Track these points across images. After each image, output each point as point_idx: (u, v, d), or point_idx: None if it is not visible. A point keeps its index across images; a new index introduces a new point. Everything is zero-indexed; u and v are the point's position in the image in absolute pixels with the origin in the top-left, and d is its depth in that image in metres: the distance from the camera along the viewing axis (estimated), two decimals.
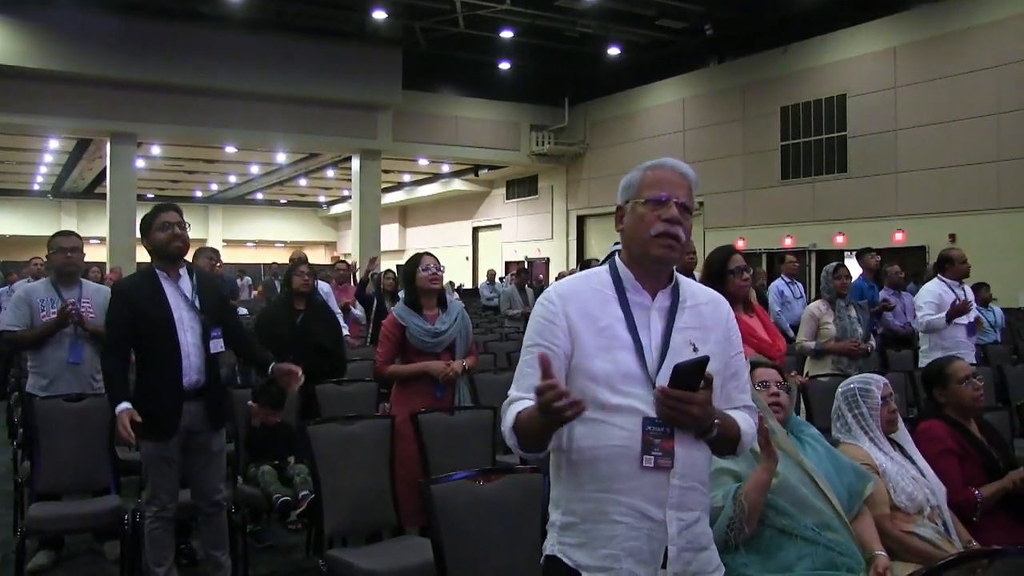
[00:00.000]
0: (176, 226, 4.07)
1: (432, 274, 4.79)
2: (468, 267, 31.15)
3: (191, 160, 28.25)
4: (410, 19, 20.71)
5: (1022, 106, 15.40)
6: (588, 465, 2.00)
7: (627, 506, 1.97)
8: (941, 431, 3.63)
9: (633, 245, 2.09)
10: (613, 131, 24.65)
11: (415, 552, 3.60)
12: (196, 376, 4.04)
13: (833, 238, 18.50)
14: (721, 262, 4.32)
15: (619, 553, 1.96)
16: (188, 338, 4.02)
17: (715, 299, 2.19)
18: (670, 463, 1.97)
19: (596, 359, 2.00)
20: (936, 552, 2.97)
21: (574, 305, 2.05)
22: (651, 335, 2.04)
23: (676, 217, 2.05)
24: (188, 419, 4.03)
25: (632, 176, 2.13)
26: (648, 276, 2.09)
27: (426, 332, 4.70)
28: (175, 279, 4.10)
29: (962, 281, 6.83)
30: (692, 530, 2.03)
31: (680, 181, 2.10)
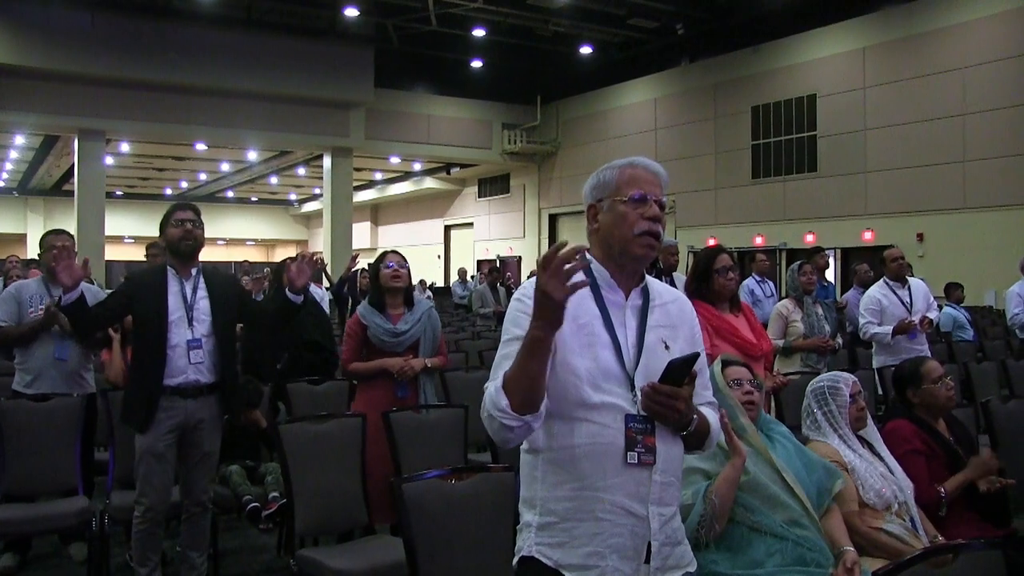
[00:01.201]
0: (188, 223, 4.13)
1: (394, 271, 4.75)
2: (440, 265, 31.09)
3: (161, 157, 27.98)
4: (382, 17, 20.66)
5: (987, 108, 15.61)
6: (570, 463, 1.99)
7: (611, 503, 1.97)
8: (908, 431, 3.67)
9: (612, 243, 2.08)
10: (585, 130, 24.71)
11: (386, 551, 3.58)
12: (194, 375, 4.03)
13: (803, 237, 18.65)
14: (707, 261, 4.39)
15: (604, 550, 1.97)
16: (182, 338, 4.01)
17: (679, 298, 2.23)
18: (652, 459, 1.99)
19: (578, 356, 2.00)
20: (903, 548, 3.00)
21: None
22: (627, 333, 2.06)
23: (658, 215, 2.07)
24: (183, 416, 4.03)
25: (606, 174, 2.13)
26: (624, 274, 2.10)
27: (385, 331, 4.67)
28: (184, 277, 4.13)
29: (905, 280, 6.76)
30: (671, 524, 2.06)
31: (655, 180, 2.11)
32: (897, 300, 6.61)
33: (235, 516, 5.11)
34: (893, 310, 6.56)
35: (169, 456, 4.06)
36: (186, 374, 4.02)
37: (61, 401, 4.67)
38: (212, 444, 4.20)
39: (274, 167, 29.76)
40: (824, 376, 3.58)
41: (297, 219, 41.71)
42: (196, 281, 4.16)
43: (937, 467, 3.58)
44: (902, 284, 6.71)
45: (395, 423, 4.17)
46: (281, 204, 40.77)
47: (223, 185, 34.96)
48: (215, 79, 20.00)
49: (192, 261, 4.18)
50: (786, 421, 4.28)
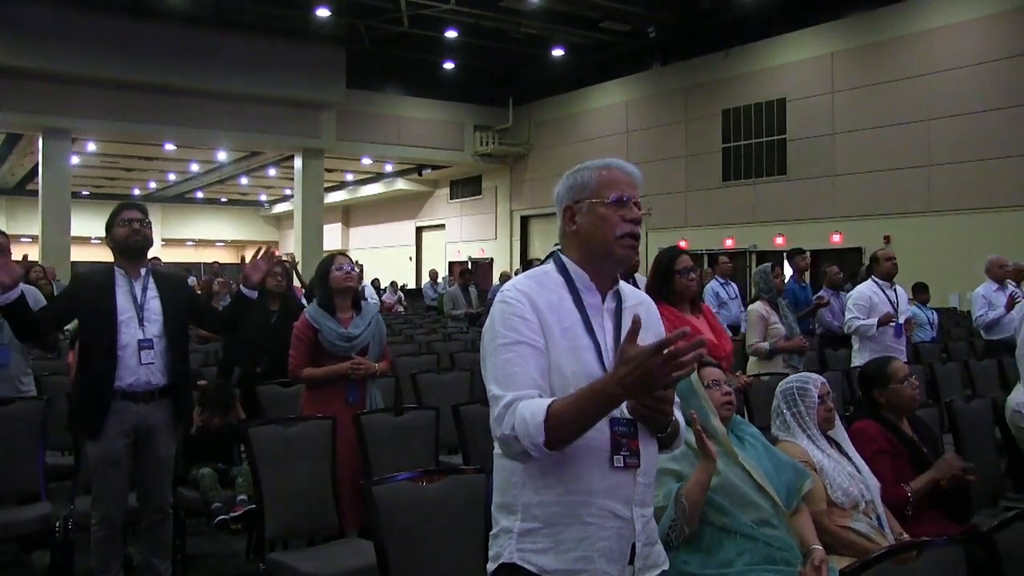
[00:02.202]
0: (135, 222, 4.06)
1: (346, 273, 4.68)
2: (411, 267, 31.01)
3: (128, 157, 27.66)
4: (354, 17, 20.58)
5: (951, 113, 15.82)
6: (556, 468, 1.96)
7: (598, 506, 1.97)
8: (874, 431, 3.72)
9: (592, 245, 2.08)
10: (557, 132, 24.75)
11: (357, 555, 3.57)
12: (145, 376, 3.98)
13: (773, 239, 18.79)
14: (668, 262, 4.37)
15: (592, 554, 1.96)
16: (132, 337, 3.95)
17: (646, 300, 2.23)
18: (637, 462, 2.00)
19: (564, 359, 1.99)
20: (870, 545, 3.05)
21: (540, 304, 2.02)
22: (605, 336, 2.06)
23: (639, 218, 2.07)
24: (136, 420, 3.97)
25: (584, 175, 2.11)
26: (601, 277, 2.10)
27: (339, 335, 4.60)
28: (133, 277, 4.07)
29: (893, 281, 6.92)
30: (650, 525, 2.09)
31: (632, 181, 2.11)
32: (886, 299, 6.76)
33: (204, 520, 5.08)
34: (882, 308, 6.71)
35: (125, 462, 4.00)
36: (137, 375, 3.95)
37: (21, 406, 4.57)
38: (167, 449, 4.14)
39: (244, 168, 29.53)
40: (793, 377, 3.62)
41: (268, 220, 41.42)
42: (146, 281, 4.10)
43: (903, 466, 3.63)
44: (890, 284, 6.85)
45: (366, 425, 4.15)
46: (251, 205, 40.46)
47: (192, 185, 34.65)
48: (184, 78, 19.76)
49: (141, 261, 4.12)
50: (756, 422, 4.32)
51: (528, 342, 1.97)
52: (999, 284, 7.99)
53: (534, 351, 1.96)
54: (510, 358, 1.96)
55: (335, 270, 4.69)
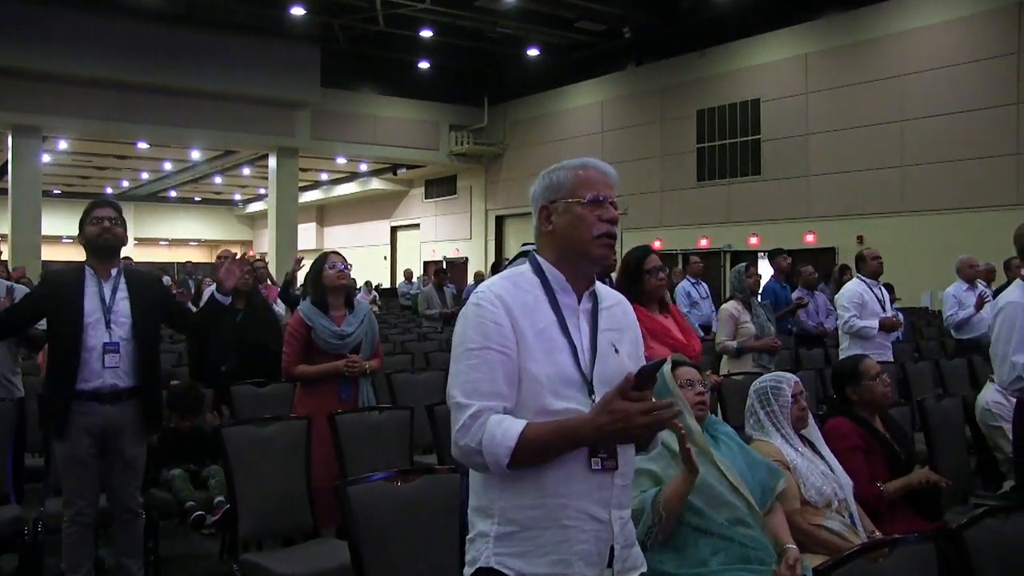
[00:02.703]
0: (107, 220, 4.01)
1: (339, 271, 4.72)
2: (386, 267, 30.93)
3: (101, 156, 27.40)
4: (329, 16, 20.50)
5: (923, 115, 15.98)
6: (533, 472, 1.93)
7: (576, 509, 1.95)
8: (847, 428, 3.75)
9: (569, 245, 2.06)
10: (532, 132, 24.77)
11: (332, 555, 3.56)
12: (111, 379, 3.93)
13: (747, 239, 18.90)
14: (637, 262, 4.37)
15: (570, 558, 1.94)
16: (98, 339, 3.91)
17: (622, 301, 2.22)
18: (615, 464, 1.98)
19: (538, 362, 1.97)
20: (843, 543, 3.07)
21: (513, 306, 2.00)
22: (581, 337, 2.04)
23: (616, 218, 2.07)
24: (101, 422, 3.93)
25: (560, 175, 2.09)
26: (577, 277, 2.08)
27: (332, 333, 4.64)
28: (104, 277, 4.01)
29: (878, 279, 7.01)
30: (628, 527, 2.08)
31: (608, 181, 2.10)
32: (875, 297, 6.87)
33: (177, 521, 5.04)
34: (872, 306, 6.82)
35: (93, 462, 3.96)
36: (102, 378, 3.91)
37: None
38: (135, 450, 4.09)
39: (218, 167, 29.34)
40: (767, 377, 3.63)
41: (242, 219, 41.17)
42: (116, 282, 4.05)
43: (876, 463, 3.66)
44: (876, 283, 6.93)
45: (341, 425, 4.14)
46: (225, 204, 40.20)
47: (166, 184, 34.36)
48: (158, 76, 19.59)
49: (112, 261, 4.06)
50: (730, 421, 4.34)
51: (497, 348, 1.95)
52: (969, 284, 8.07)
53: (502, 358, 1.95)
54: (476, 364, 1.95)
55: (328, 268, 4.73)
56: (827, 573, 2.09)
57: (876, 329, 6.69)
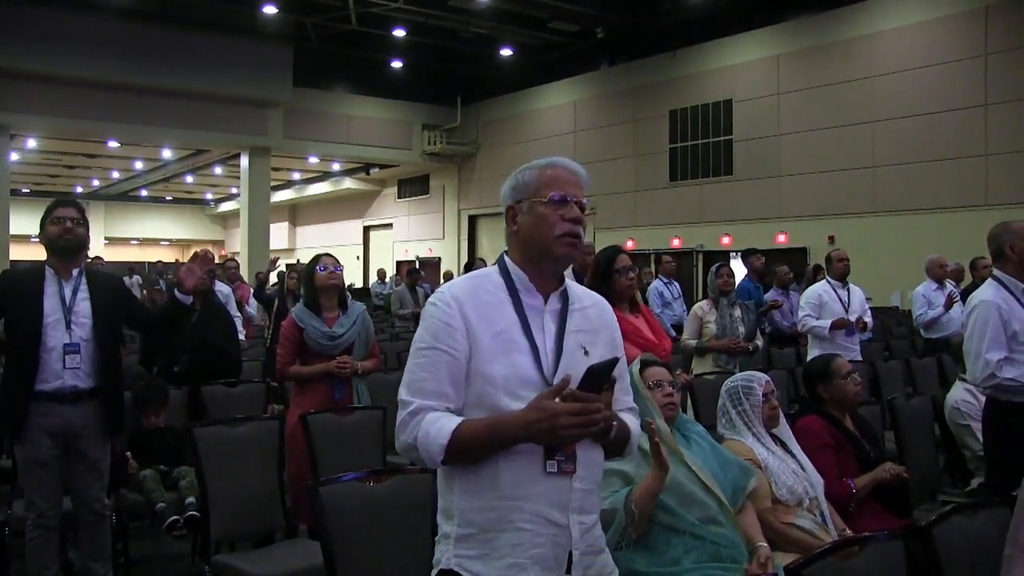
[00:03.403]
0: (68, 220, 3.96)
1: (329, 272, 4.75)
2: (359, 266, 30.82)
3: (70, 154, 27.08)
4: (301, 15, 20.40)
5: (894, 116, 16.12)
6: (489, 473, 1.93)
7: (531, 512, 1.92)
8: (818, 426, 3.78)
9: (532, 245, 2.05)
10: (505, 131, 24.77)
11: (305, 555, 3.54)
12: (71, 381, 3.89)
13: (719, 239, 18.99)
14: (607, 262, 4.37)
15: (525, 562, 1.92)
16: (58, 340, 3.87)
17: (599, 302, 2.20)
18: (573, 467, 1.96)
19: (494, 363, 1.96)
20: (814, 541, 3.09)
21: (470, 307, 2.00)
22: (545, 338, 2.02)
23: (579, 217, 2.05)
24: (62, 423, 3.89)
25: (525, 175, 2.09)
26: (543, 278, 2.07)
27: (323, 335, 4.67)
28: (65, 277, 3.97)
29: (846, 281, 7.08)
30: (592, 533, 2.03)
31: (576, 180, 2.09)
32: (837, 298, 6.94)
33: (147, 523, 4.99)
34: (832, 307, 6.89)
35: (53, 463, 3.91)
36: (62, 379, 3.87)
37: None
38: (98, 452, 4.05)
39: (190, 166, 29.10)
40: (738, 376, 3.65)
41: (214, 219, 40.89)
42: (77, 282, 4.00)
43: (846, 460, 3.70)
44: (843, 284, 7.00)
45: (314, 425, 4.13)
46: (197, 204, 39.89)
47: (137, 184, 34.02)
48: (128, 74, 19.34)
49: (74, 261, 4.02)
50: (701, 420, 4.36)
51: (444, 349, 1.96)
52: (939, 284, 8.16)
53: (449, 359, 1.96)
54: (423, 363, 1.98)
55: (319, 270, 4.76)
56: (798, 571, 2.10)
57: (826, 329, 6.76)
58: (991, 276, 4.16)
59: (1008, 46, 14.70)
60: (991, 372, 3.85)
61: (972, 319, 3.99)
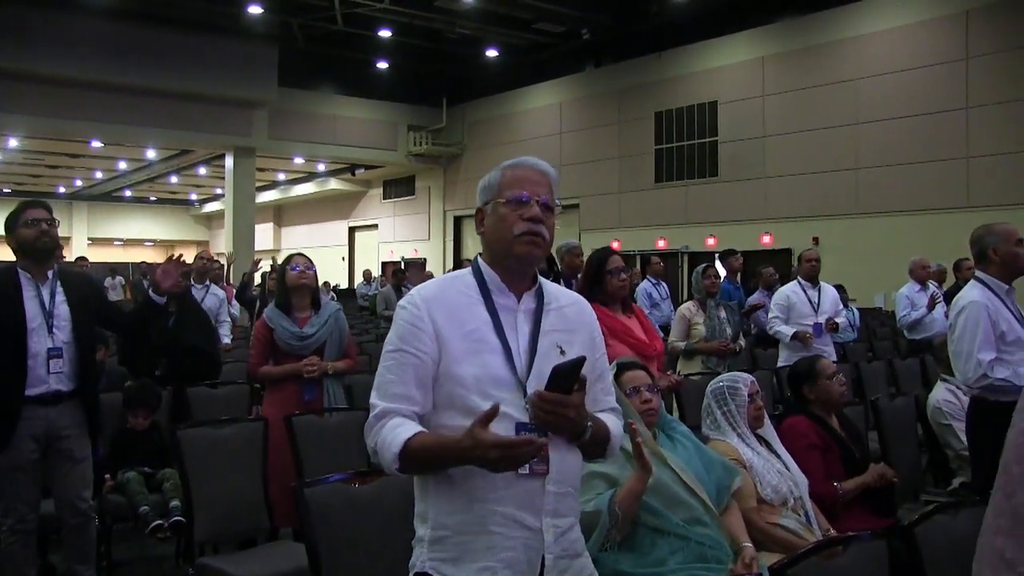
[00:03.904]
0: (43, 223, 3.89)
1: (300, 272, 4.72)
2: (344, 267, 30.76)
3: (53, 154, 26.94)
4: (287, 15, 20.35)
5: (878, 118, 16.22)
6: (461, 475, 1.91)
7: (503, 515, 1.91)
8: (804, 427, 3.80)
9: (496, 246, 2.05)
10: (491, 133, 24.77)
11: (289, 557, 3.53)
12: (55, 385, 3.86)
13: (705, 240, 19.04)
14: (599, 263, 4.39)
15: (496, 565, 1.90)
16: (42, 344, 3.83)
17: (578, 301, 2.19)
18: (545, 469, 1.93)
19: (464, 364, 1.95)
20: (798, 541, 3.10)
21: (440, 309, 1.99)
22: (518, 338, 2.01)
23: (538, 216, 2.02)
24: (45, 425, 3.85)
25: (491, 177, 2.10)
26: (513, 277, 2.06)
27: (292, 335, 4.64)
28: (41, 280, 3.91)
29: (817, 282, 7.01)
30: (567, 537, 2.00)
31: (540, 179, 2.07)
32: (806, 299, 6.85)
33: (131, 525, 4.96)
34: (801, 308, 6.81)
35: (35, 468, 3.87)
36: (47, 383, 3.84)
37: None
38: (82, 451, 4.01)
39: (174, 166, 29.00)
40: (724, 376, 3.66)
41: (198, 220, 40.74)
42: (53, 285, 3.95)
43: (832, 461, 3.71)
44: (813, 285, 6.96)
45: (298, 427, 4.11)
46: (181, 204, 39.75)
47: (120, 184, 33.87)
48: (112, 73, 19.23)
49: (48, 263, 3.96)
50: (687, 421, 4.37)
51: (411, 351, 1.97)
52: (922, 285, 8.20)
53: (416, 361, 1.96)
54: (391, 366, 1.99)
55: (291, 269, 4.74)
56: (783, 571, 2.11)
57: (788, 336, 6.72)
58: (974, 278, 4.18)
59: (989, 50, 14.81)
60: (983, 372, 3.87)
61: (961, 320, 4.00)
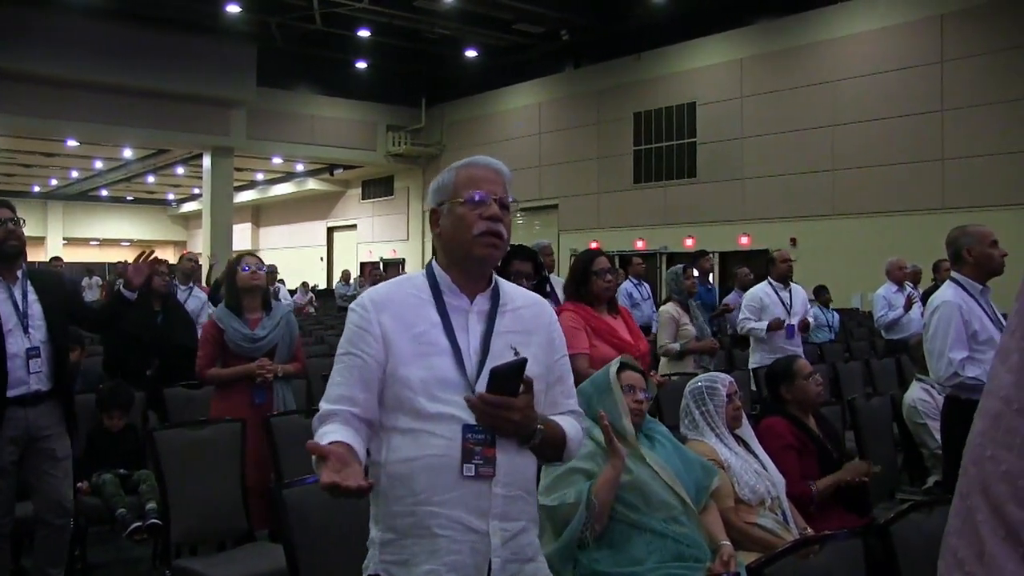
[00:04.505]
0: (9, 223, 3.84)
1: (252, 272, 4.62)
2: (323, 268, 30.66)
3: (27, 153, 26.67)
4: (266, 14, 20.25)
5: (855, 120, 16.34)
6: (407, 477, 1.90)
7: (448, 518, 1.87)
8: (782, 427, 3.82)
9: (453, 247, 2.02)
10: (470, 133, 24.76)
11: (267, 558, 3.51)
12: (35, 385, 3.83)
13: (683, 241, 19.10)
14: (585, 264, 4.39)
15: (441, 568, 1.87)
16: (17, 346, 3.79)
17: (537, 302, 2.16)
18: (492, 471, 1.90)
19: (412, 366, 1.93)
20: (775, 540, 3.12)
21: (388, 311, 1.98)
22: (470, 339, 1.98)
23: (498, 215, 2.00)
24: (24, 426, 3.82)
25: (444, 177, 2.07)
26: (468, 279, 2.03)
27: (244, 337, 4.54)
28: (11, 281, 3.87)
29: (789, 283, 7.01)
30: (517, 541, 1.96)
31: (495, 178, 2.05)
32: (778, 300, 6.83)
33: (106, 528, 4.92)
34: (773, 309, 6.78)
35: (12, 471, 3.84)
36: (27, 384, 3.81)
37: None
38: (64, 449, 3.99)
39: (151, 166, 28.79)
40: (702, 377, 3.68)
41: (175, 220, 40.46)
42: (24, 285, 3.91)
43: (809, 461, 3.74)
44: (785, 286, 6.95)
45: (276, 428, 4.09)
46: (159, 204, 39.45)
47: (96, 183, 33.58)
48: (88, 72, 19.07)
49: (17, 264, 3.92)
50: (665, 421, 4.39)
51: (357, 354, 1.96)
52: (898, 285, 8.26)
53: (361, 364, 1.95)
54: (339, 368, 1.99)
55: (242, 269, 4.63)
56: (760, 570, 2.13)
57: (763, 331, 6.70)
58: (949, 278, 4.23)
59: (963, 54, 14.96)
60: (954, 371, 3.92)
61: (934, 319, 4.06)
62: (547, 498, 2.85)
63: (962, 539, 0.98)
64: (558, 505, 2.81)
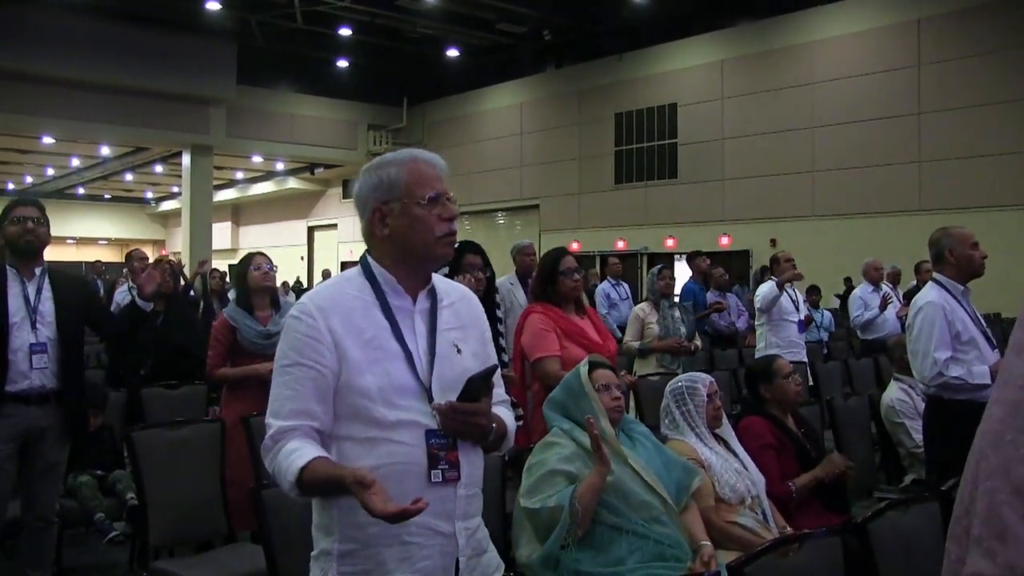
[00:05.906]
0: (29, 220, 3.91)
1: (264, 273, 4.70)
2: (303, 267, 30.54)
3: (2, 150, 26.39)
4: (246, 12, 20.13)
5: (834, 122, 16.47)
6: None
7: (417, 524, 1.82)
8: (761, 427, 3.84)
9: (409, 248, 1.97)
10: (451, 133, 24.74)
11: (247, 560, 3.49)
12: (39, 381, 3.82)
13: (664, 241, 19.18)
14: (552, 263, 4.37)
15: (413, 574, 1.88)
16: (24, 341, 3.79)
17: (466, 295, 2.15)
18: (457, 475, 1.91)
19: (367, 374, 1.88)
20: (755, 539, 3.13)
21: (336, 317, 1.91)
22: (417, 340, 1.96)
23: (455, 214, 1.99)
24: (25, 424, 3.81)
25: (391, 173, 2.00)
26: (415, 278, 2.00)
27: (258, 334, 4.59)
28: (28, 277, 3.90)
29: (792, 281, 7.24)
30: (476, 536, 1.98)
31: (440, 174, 2.01)
32: (788, 297, 7.22)
33: (83, 530, 4.88)
34: (786, 306, 7.15)
35: (8, 467, 3.82)
36: (29, 379, 3.80)
37: None
38: (58, 455, 3.97)
39: (129, 164, 28.53)
40: (683, 377, 3.69)
41: (154, 218, 40.16)
42: (40, 282, 3.95)
43: (787, 460, 3.76)
44: (790, 284, 7.23)
45: (256, 428, 4.07)
46: (137, 202, 39.12)
47: (73, 181, 33.26)
48: (64, 68, 18.82)
49: (35, 261, 3.97)
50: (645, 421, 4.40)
51: (309, 364, 1.88)
52: (875, 286, 8.33)
53: (316, 375, 1.88)
54: (287, 381, 1.90)
55: (253, 270, 4.69)
56: (740, 568, 2.14)
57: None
58: (932, 279, 4.27)
59: (940, 58, 15.14)
60: (939, 371, 3.95)
61: (918, 320, 4.09)
62: (529, 500, 2.85)
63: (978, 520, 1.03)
64: (540, 508, 2.82)
